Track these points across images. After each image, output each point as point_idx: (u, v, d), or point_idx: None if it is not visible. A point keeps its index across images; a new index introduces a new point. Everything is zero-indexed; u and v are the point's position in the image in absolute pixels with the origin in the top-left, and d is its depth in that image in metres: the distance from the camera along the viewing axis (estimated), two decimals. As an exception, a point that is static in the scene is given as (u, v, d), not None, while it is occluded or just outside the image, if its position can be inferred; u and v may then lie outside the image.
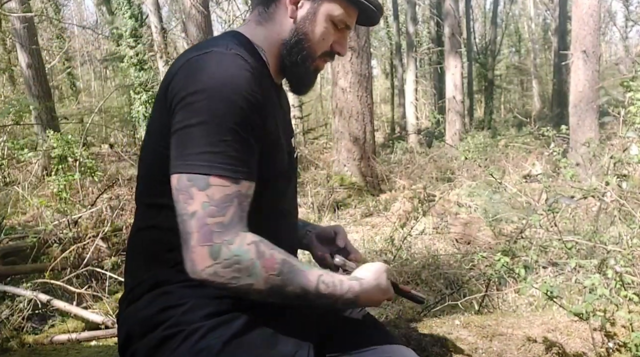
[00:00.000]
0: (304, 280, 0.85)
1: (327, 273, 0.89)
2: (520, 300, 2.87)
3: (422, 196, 5.55)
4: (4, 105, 6.96)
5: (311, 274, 0.86)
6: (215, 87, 0.83)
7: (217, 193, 0.82)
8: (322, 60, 1.07)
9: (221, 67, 0.86)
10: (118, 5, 9.90)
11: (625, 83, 3.08)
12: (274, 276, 0.82)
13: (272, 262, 0.82)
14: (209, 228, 0.80)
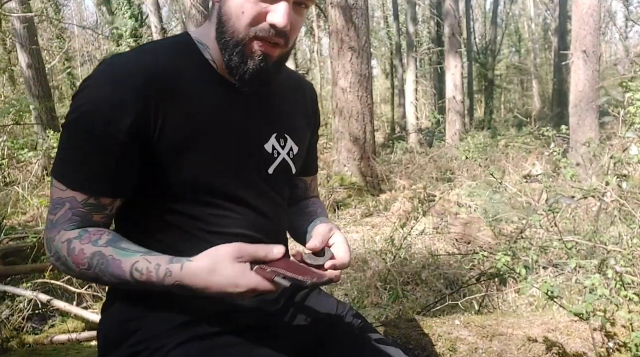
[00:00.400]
0: (116, 270, 0.82)
1: (145, 259, 0.82)
2: (520, 300, 2.87)
3: (422, 196, 5.55)
4: (4, 105, 6.95)
5: (125, 262, 0.81)
6: (76, 96, 0.85)
7: (55, 193, 0.87)
8: (258, 42, 0.87)
9: (90, 77, 0.85)
10: (118, 5, 9.91)
11: (624, 83, 3.08)
12: (85, 270, 0.84)
13: (81, 257, 0.83)
14: (47, 225, 0.89)
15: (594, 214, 3.82)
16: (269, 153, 0.99)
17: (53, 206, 0.87)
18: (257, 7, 0.85)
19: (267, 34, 0.86)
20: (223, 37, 0.88)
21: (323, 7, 14.23)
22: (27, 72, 8.26)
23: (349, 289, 3.31)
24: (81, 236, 0.85)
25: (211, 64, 0.94)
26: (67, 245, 0.85)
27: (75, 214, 0.86)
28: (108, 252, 0.83)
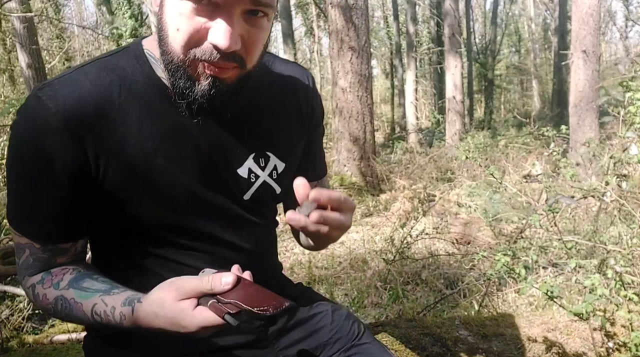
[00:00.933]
0: (79, 314, 0.78)
1: (103, 300, 0.76)
2: (520, 300, 2.87)
3: (422, 196, 5.55)
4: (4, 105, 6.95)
5: (86, 305, 0.77)
6: (10, 137, 0.77)
7: (14, 238, 0.83)
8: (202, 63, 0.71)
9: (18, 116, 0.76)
10: (118, 5, 9.91)
11: (625, 83, 3.08)
12: (53, 313, 0.81)
13: (45, 302, 0.81)
14: (16, 264, 0.86)
15: (594, 214, 3.83)
16: (243, 178, 0.86)
17: (16, 249, 0.84)
18: (193, 23, 0.69)
19: (211, 56, 0.70)
20: (163, 56, 0.74)
21: (323, 7, 14.23)
22: (27, 72, 8.26)
23: (349, 289, 3.31)
24: (43, 280, 0.82)
25: (166, 84, 0.78)
26: (32, 291, 0.83)
27: (37, 260, 0.82)
28: (70, 295, 0.79)
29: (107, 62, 0.79)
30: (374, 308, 3.03)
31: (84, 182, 0.77)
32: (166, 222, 0.83)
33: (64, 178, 0.75)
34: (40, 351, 2.01)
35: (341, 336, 0.98)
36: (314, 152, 1.02)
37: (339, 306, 1.06)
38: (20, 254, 0.83)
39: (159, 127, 0.79)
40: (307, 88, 0.97)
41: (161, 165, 0.79)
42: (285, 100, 0.93)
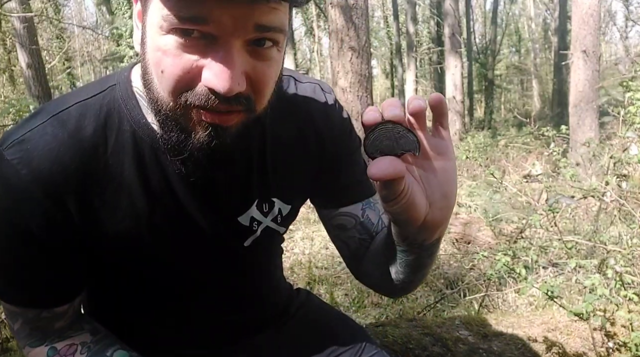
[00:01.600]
0: None
1: None
2: (520, 300, 2.87)
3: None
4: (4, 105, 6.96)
5: None
6: None
7: (4, 305, 0.74)
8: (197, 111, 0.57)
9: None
10: (118, 5, 9.91)
11: (625, 83, 3.08)
12: None
13: None
14: (10, 325, 0.77)
15: (594, 214, 3.83)
16: (245, 226, 0.77)
17: (8, 314, 0.74)
18: (181, 63, 0.54)
19: (207, 102, 0.55)
20: (151, 104, 0.61)
21: (323, 7, 14.23)
22: (27, 72, 8.26)
23: (349, 289, 3.31)
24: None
25: (154, 130, 0.67)
26: None
27: (34, 328, 0.74)
28: None
29: (90, 106, 0.66)
30: (374, 308, 3.03)
31: (72, 244, 0.69)
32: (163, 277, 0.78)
33: (50, 244, 0.67)
34: (40, 351, 2.01)
35: (345, 343, 0.96)
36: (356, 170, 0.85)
37: (341, 314, 1.04)
38: (14, 321, 0.74)
39: (151, 182, 0.68)
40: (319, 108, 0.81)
41: (157, 221, 0.70)
42: (296, 134, 0.79)
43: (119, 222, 0.68)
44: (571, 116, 6.92)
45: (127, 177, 0.67)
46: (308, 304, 1.03)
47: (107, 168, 0.66)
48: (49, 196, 0.63)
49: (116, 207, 0.67)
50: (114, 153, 0.66)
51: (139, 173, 0.68)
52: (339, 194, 0.84)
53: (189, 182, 0.69)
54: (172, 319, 0.85)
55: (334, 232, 0.88)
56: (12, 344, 2.67)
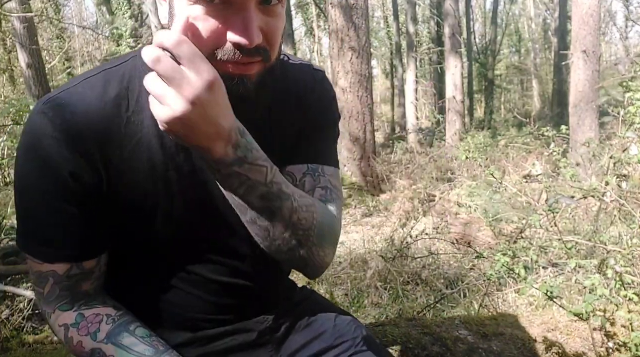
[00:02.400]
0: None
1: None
2: (520, 300, 2.87)
3: (422, 196, 5.55)
4: (4, 105, 6.96)
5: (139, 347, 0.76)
6: (18, 156, 0.73)
7: (33, 267, 0.78)
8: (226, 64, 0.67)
9: (24, 133, 0.73)
10: (118, 5, 9.92)
11: (625, 83, 3.08)
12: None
13: (79, 349, 0.77)
14: (36, 294, 0.80)
15: (594, 214, 3.83)
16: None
17: (37, 279, 0.78)
18: (209, 26, 0.65)
19: (234, 56, 0.66)
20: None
21: (323, 7, 14.23)
22: (27, 72, 8.27)
23: (349, 289, 3.31)
24: (78, 324, 0.78)
25: None
26: (65, 332, 0.78)
27: (63, 288, 0.78)
28: (109, 352, 0.76)
29: (114, 73, 0.76)
30: (374, 308, 3.03)
31: (97, 197, 0.74)
32: (177, 235, 0.81)
33: (77, 194, 0.73)
34: (40, 351, 2.01)
35: (344, 342, 0.97)
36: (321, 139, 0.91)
37: (343, 311, 1.05)
38: (43, 283, 0.78)
39: (168, 141, 0.76)
40: (314, 82, 0.90)
41: (173, 178, 0.77)
42: (295, 108, 0.88)
43: (137, 175, 0.75)
44: (571, 116, 6.92)
45: (145, 134, 0.75)
46: (312, 298, 1.05)
47: (128, 125, 0.74)
48: (77, 145, 0.71)
49: (135, 161, 0.75)
50: (134, 113, 0.75)
51: (157, 131, 0.75)
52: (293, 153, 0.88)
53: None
54: (183, 287, 0.86)
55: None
56: (12, 344, 2.67)
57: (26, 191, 0.74)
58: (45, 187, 0.72)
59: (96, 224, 0.77)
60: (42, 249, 0.76)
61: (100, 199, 0.75)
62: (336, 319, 1.01)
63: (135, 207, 0.77)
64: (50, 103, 0.72)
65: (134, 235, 0.81)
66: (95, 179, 0.73)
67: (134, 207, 0.77)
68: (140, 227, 0.79)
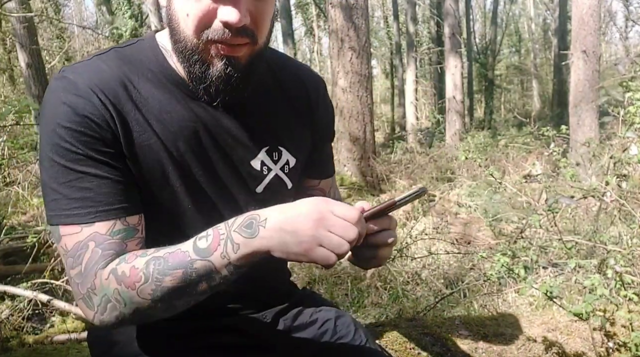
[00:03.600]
0: (177, 259, 0.69)
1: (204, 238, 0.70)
2: (520, 300, 2.87)
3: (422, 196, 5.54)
4: (4, 106, 6.95)
5: (185, 245, 0.71)
6: (42, 126, 0.74)
7: (70, 242, 0.73)
8: (215, 45, 0.73)
9: (46, 100, 0.75)
10: (118, 5, 9.91)
11: (625, 83, 3.08)
12: (143, 285, 0.69)
13: (133, 275, 0.70)
14: (74, 281, 0.74)
15: (594, 214, 3.82)
16: (256, 170, 0.87)
17: (74, 258, 0.73)
18: (201, 6, 0.71)
19: (223, 35, 0.72)
20: (176, 45, 0.76)
21: (323, 7, 14.23)
22: (27, 72, 8.26)
23: (349, 289, 3.31)
24: (124, 259, 0.72)
25: (181, 75, 0.81)
26: (114, 275, 0.71)
27: (106, 248, 0.73)
28: (162, 253, 0.71)
29: (122, 53, 0.81)
30: (374, 308, 3.03)
31: (120, 155, 0.76)
32: (182, 207, 0.82)
33: (110, 146, 0.75)
34: (40, 351, 2.01)
35: (343, 343, 0.98)
36: (329, 151, 1.05)
37: (343, 312, 1.06)
38: (82, 254, 0.72)
39: (177, 113, 0.80)
40: (318, 94, 0.97)
41: (182, 148, 0.80)
42: (296, 100, 0.93)
43: (150, 139, 0.78)
44: (571, 116, 6.91)
45: (155, 106, 0.79)
46: (313, 299, 1.06)
47: (139, 94, 0.78)
48: (99, 98, 0.74)
49: (147, 126, 0.78)
50: (144, 87, 0.79)
51: (167, 105, 0.80)
52: (318, 167, 1.02)
53: (208, 119, 0.82)
54: None
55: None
56: (13, 344, 2.67)
57: (54, 155, 0.73)
58: (75, 141, 0.72)
59: (127, 181, 0.77)
60: (79, 211, 0.73)
61: (122, 157, 0.77)
62: (336, 320, 1.01)
63: (147, 167, 0.78)
64: (68, 70, 0.77)
65: (144, 199, 0.80)
66: (118, 134, 0.75)
67: (145, 167, 0.78)
68: (150, 190, 0.80)
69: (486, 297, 2.89)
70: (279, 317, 0.97)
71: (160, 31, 0.86)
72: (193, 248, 0.70)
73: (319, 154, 1.00)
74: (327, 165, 1.05)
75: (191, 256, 0.69)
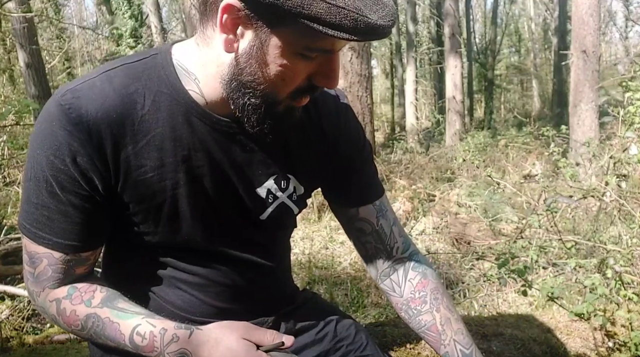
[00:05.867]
0: (113, 333, 0.76)
1: (149, 322, 0.76)
2: (520, 300, 2.87)
3: (422, 196, 5.55)
4: (4, 106, 6.96)
5: (125, 326, 0.75)
6: (31, 141, 0.76)
7: (28, 247, 0.79)
8: (297, 99, 0.75)
9: (40, 119, 0.74)
10: (118, 5, 9.92)
11: (624, 83, 3.08)
12: (79, 331, 0.78)
13: (73, 318, 0.78)
14: (26, 273, 0.81)
15: (593, 214, 3.82)
16: (262, 198, 0.86)
17: (30, 259, 0.79)
18: (303, 68, 0.70)
19: (314, 92, 0.75)
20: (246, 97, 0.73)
21: (323, 7, 14.18)
22: (27, 72, 8.26)
23: (349, 289, 3.31)
24: (71, 296, 0.79)
25: (194, 99, 0.77)
26: (57, 305, 0.79)
27: (56, 271, 0.79)
28: (104, 314, 0.77)
29: (134, 69, 0.77)
30: (374, 308, 3.03)
31: (106, 192, 0.76)
32: (179, 239, 0.82)
33: (88, 189, 0.75)
34: (40, 351, 2.01)
35: (344, 345, 0.97)
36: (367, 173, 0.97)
37: (344, 315, 1.05)
38: (37, 263, 0.78)
39: (181, 142, 0.77)
40: (338, 121, 0.93)
41: (181, 180, 0.78)
42: (311, 126, 0.89)
43: (147, 172, 0.76)
44: (571, 116, 6.91)
45: (159, 133, 0.76)
46: (314, 301, 1.05)
47: (142, 123, 0.75)
48: (91, 139, 0.72)
49: (146, 159, 0.76)
50: (150, 111, 0.75)
51: (172, 131, 0.76)
52: (353, 193, 0.95)
53: (214, 147, 0.79)
54: (185, 288, 0.87)
55: (354, 234, 0.99)
56: (13, 344, 2.67)
57: (34, 176, 0.75)
58: (53, 176, 0.73)
59: (98, 219, 0.78)
60: (41, 235, 0.77)
61: (107, 193, 0.76)
62: (337, 323, 1.01)
63: (142, 203, 0.78)
64: (67, 94, 0.73)
65: (139, 231, 0.81)
66: (104, 174, 0.75)
67: (140, 203, 0.78)
68: (146, 224, 0.80)
69: (486, 297, 2.89)
70: (281, 321, 0.96)
71: (178, 43, 0.82)
72: (129, 338, 0.75)
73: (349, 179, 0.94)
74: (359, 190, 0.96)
75: (126, 342, 0.75)
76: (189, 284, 0.86)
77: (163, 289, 0.87)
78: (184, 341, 0.73)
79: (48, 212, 0.76)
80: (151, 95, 0.76)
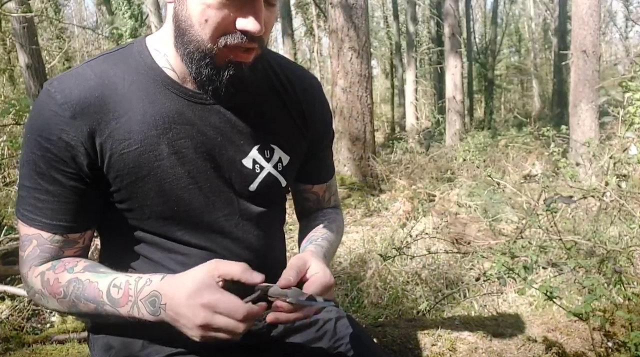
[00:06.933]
0: (92, 293, 0.77)
1: (125, 275, 0.78)
2: (520, 300, 2.87)
3: (422, 196, 5.55)
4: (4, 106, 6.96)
5: (103, 282, 0.77)
6: (25, 127, 0.82)
7: (21, 230, 0.84)
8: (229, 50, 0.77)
9: (33, 106, 0.81)
10: (118, 5, 9.91)
11: (624, 83, 3.08)
12: (62, 299, 0.80)
13: (55, 287, 0.80)
14: (20, 259, 0.85)
15: (594, 214, 3.83)
16: (248, 168, 0.88)
17: (22, 243, 0.84)
18: (223, 14, 0.73)
19: (240, 41, 0.75)
20: (185, 47, 0.78)
21: (323, 7, 14.23)
22: (27, 72, 8.26)
23: (349, 289, 3.31)
24: (54, 266, 0.82)
25: (168, 74, 0.83)
26: (41, 278, 0.82)
27: (44, 250, 0.83)
28: (85, 277, 0.79)
29: (112, 57, 0.84)
30: (374, 308, 3.03)
31: (92, 171, 0.80)
32: (170, 212, 0.84)
33: (74, 168, 0.79)
34: (40, 351, 2.01)
35: (342, 344, 0.97)
36: (321, 157, 1.05)
37: (344, 313, 1.05)
38: (27, 245, 0.83)
39: (162, 115, 0.82)
40: (313, 96, 0.98)
41: (164, 152, 0.82)
42: (290, 101, 0.94)
43: (130, 146, 0.80)
44: (571, 116, 6.91)
45: (140, 108, 0.81)
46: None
47: (123, 101, 0.80)
48: (75, 118, 0.78)
49: (129, 133, 0.80)
50: (131, 90, 0.81)
51: (152, 106, 0.81)
52: (314, 173, 1.05)
53: (195, 118, 0.83)
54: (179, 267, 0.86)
55: (298, 200, 1.10)
56: (12, 344, 2.67)
57: (25, 161, 0.80)
58: (41, 156, 0.78)
59: (86, 199, 0.82)
60: (31, 217, 0.82)
61: (93, 172, 0.80)
62: (337, 322, 1.01)
63: (128, 177, 0.81)
64: (54, 82, 0.80)
65: (129, 208, 0.84)
66: (89, 151, 0.79)
67: (127, 177, 0.81)
68: (134, 199, 0.83)
69: (486, 297, 2.89)
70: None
71: (150, 35, 0.88)
72: (106, 292, 0.77)
73: (313, 159, 1.01)
74: (320, 171, 1.06)
75: (103, 298, 0.77)
76: (184, 265, 0.85)
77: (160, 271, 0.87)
78: (155, 284, 0.75)
79: (38, 194, 0.80)
80: (130, 76, 0.82)
